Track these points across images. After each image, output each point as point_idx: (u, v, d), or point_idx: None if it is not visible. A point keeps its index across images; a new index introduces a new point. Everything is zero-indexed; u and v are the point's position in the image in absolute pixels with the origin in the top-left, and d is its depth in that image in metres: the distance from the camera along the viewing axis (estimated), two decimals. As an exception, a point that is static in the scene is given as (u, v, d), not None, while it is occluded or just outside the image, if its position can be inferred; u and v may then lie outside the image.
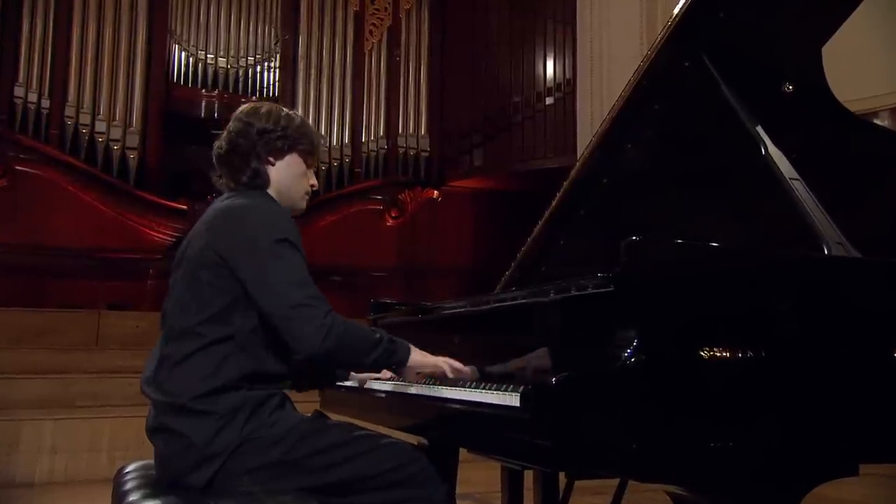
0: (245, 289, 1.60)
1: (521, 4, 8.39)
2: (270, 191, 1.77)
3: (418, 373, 1.74)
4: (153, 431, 1.65)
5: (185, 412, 1.57)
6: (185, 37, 8.19)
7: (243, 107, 1.85)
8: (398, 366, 1.71)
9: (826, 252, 1.61)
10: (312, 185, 1.85)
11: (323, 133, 8.50)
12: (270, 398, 1.62)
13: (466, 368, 1.70)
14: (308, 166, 1.83)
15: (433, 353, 1.76)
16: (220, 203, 1.75)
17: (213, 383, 1.57)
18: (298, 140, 1.80)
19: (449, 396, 1.61)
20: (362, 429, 1.69)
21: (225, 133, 1.80)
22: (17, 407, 4.74)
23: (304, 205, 1.84)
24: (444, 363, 1.71)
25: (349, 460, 1.59)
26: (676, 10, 1.90)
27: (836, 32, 2.01)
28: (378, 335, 1.67)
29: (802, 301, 1.46)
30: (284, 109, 1.84)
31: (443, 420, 1.66)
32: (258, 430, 1.57)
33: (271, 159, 1.77)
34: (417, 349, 1.73)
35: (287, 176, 1.79)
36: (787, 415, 1.37)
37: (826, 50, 2.01)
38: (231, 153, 1.77)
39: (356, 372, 2.07)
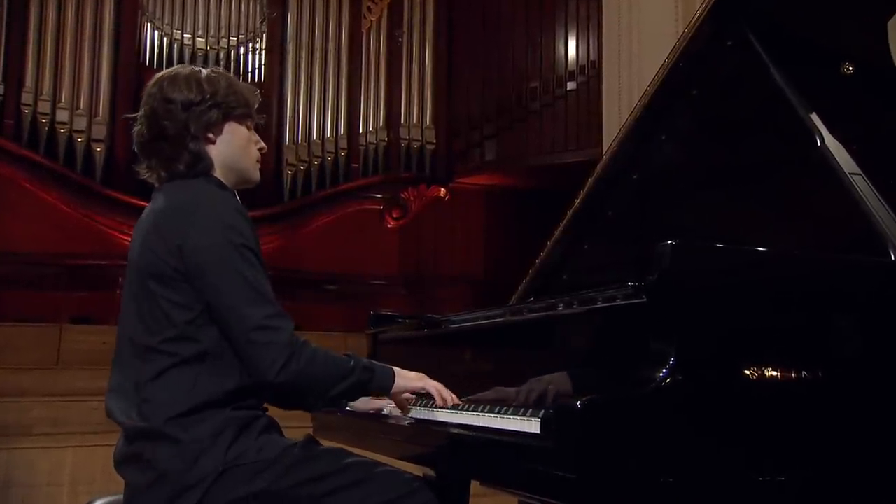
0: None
1: (539, -23, 8.42)
2: (217, 173, 1.74)
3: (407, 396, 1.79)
4: (122, 462, 1.64)
5: (161, 438, 1.56)
6: (158, 14, 8.22)
7: (153, 80, 1.77)
8: (380, 393, 1.74)
9: (894, 257, 1.60)
10: (261, 149, 1.82)
11: (315, 123, 8.53)
12: (257, 419, 1.63)
13: (453, 398, 1.75)
14: (249, 128, 1.79)
15: (439, 371, 1.75)
16: (159, 201, 1.72)
17: (193, 401, 1.57)
18: (231, 105, 1.75)
19: (459, 422, 1.61)
20: (356, 456, 1.69)
21: (142, 115, 1.74)
22: (-34, 434, 4.76)
23: (258, 175, 1.82)
24: (432, 385, 1.75)
25: (342, 490, 1.59)
26: (718, -19, 1.90)
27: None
28: (352, 362, 1.68)
29: (866, 314, 1.45)
30: (202, 70, 1.78)
31: (452, 449, 1.66)
32: (244, 454, 1.56)
33: (210, 136, 1.73)
34: (403, 372, 1.76)
35: (232, 149, 1.75)
36: (847, 446, 1.36)
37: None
38: (157, 139, 1.71)
39: (326, 404, 2.00)
